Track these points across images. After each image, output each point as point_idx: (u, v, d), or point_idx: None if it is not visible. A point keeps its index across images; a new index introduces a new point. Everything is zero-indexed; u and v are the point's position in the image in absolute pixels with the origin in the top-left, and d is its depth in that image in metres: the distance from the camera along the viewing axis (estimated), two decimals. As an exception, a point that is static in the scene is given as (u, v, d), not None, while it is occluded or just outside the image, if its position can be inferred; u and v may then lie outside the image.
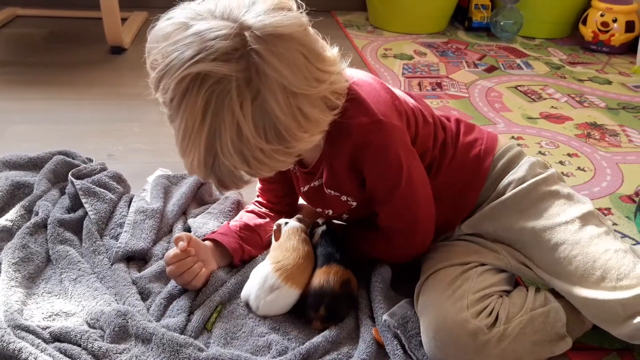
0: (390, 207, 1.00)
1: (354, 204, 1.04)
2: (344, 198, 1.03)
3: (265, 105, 0.76)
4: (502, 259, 1.03)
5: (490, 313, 0.92)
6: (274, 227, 1.10)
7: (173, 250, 1.03)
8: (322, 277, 1.01)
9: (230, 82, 0.75)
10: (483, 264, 1.02)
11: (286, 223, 1.09)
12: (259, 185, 1.23)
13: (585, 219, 0.97)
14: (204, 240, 1.11)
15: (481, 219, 1.05)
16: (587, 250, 0.93)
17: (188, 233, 1.07)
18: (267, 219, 1.18)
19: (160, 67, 0.78)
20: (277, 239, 1.07)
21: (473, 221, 1.06)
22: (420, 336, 0.96)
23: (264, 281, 1.00)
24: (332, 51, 0.87)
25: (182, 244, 1.02)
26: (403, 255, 1.08)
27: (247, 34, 0.75)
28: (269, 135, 0.78)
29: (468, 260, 1.02)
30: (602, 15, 2.62)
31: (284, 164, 0.87)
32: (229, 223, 1.16)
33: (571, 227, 0.96)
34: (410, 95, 1.06)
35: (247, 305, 1.03)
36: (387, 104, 0.95)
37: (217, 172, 0.82)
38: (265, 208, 1.21)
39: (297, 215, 1.14)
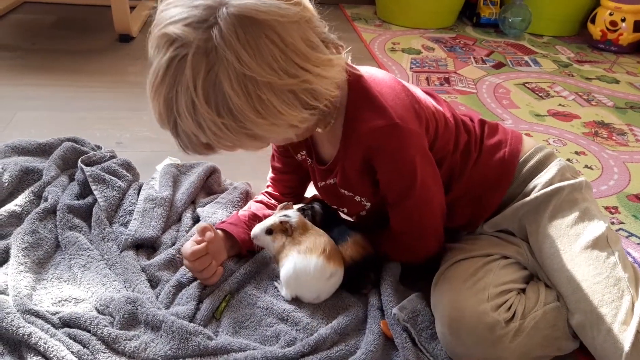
0: (402, 210, 1.00)
1: (368, 204, 1.05)
2: (357, 198, 1.04)
3: (217, 80, 0.76)
4: (522, 253, 1.03)
5: (509, 308, 0.93)
6: (271, 233, 1.05)
7: (191, 246, 1.02)
8: (356, 249, 1.05)
9: (191, 49, 0.75)
10: (505, 257, 1.02)
11: (285, 216, 1.07)
12: (270, 174, 1.23)
13: (595, 239, 0.95)
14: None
15: (502, 220, 1.06)
16: (578, 270, 0.93)
17: (209, 224, 1.06)
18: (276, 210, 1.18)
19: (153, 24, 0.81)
20: (291, 234, 1.04)
21: (494, 222, 1.07)
22: (430, 329, 0.96)
23: (321, 272, 1.01)
24: (329, 54, 0.84)
25: (209, 234, 1.02)
26: (412, 258, 1.09)
27: (222, 9, 0.75)
28: (221, 110, 0.77)
29: (490, 252, 1.02)
30: (610, 15, 2.61)
31: (247, 145, 0.85)
32: (237, 213, 1.16)
33: (574, 244, 0.95)
34: (432, 95, 1.05)
35: (291, 299, 1.04)
36: (405, 108, 0.93)
37: (178, 132, 0.82)
38: (275, 199, 1.21)
39: (281, 205, 1.12)
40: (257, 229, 1.06)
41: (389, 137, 0.90)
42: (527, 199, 1.02)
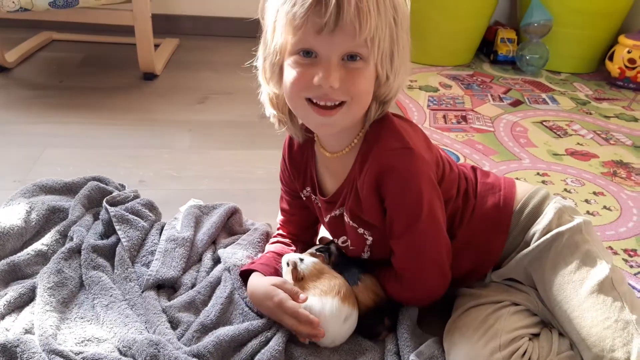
0: (407, 241, 1.00)
1: (370, 239, 1.06)
2: (360, 231, 1.05)
3: None
4: (532, 300, 1.04)
5: (523, 355, 0.93)
6: (288, 266, 1.08)
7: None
8: (367, 294, 1.06)
9: None
10: (515, 304, 1.03)
11: (301, 260, 1.09)
12: (279, 217, 1.26)
13: (599, 283, 0.95)
14: (242, 269, 1.15)
15: (508, 271, 1.07)
16: (586, 316, 0.93)
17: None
18: (294, 247, 1.21)
19: None
20: (294, 277, 1.06)
21: (501, 273, 1.08)
22: (447, 376, 0.96)
23: (337, 314, 1.01)
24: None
25: (303, 296, 1.04)
26: (416, 298, 1.08)
27: None
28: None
29: (500, 299, 1.03)
30: (629, 52, 2.62)
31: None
32: (266, 253, 1.19)
33: (579, 290, 0.95)
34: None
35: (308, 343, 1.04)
36: (420, 140, 1.00)
37: None
38: (288, 239, 1.24)
39: (314, 248, 1.14)
40: (288, 256, 1.10)
41: (401, 159, 0.95)
42: (528, 249, 1.03)
